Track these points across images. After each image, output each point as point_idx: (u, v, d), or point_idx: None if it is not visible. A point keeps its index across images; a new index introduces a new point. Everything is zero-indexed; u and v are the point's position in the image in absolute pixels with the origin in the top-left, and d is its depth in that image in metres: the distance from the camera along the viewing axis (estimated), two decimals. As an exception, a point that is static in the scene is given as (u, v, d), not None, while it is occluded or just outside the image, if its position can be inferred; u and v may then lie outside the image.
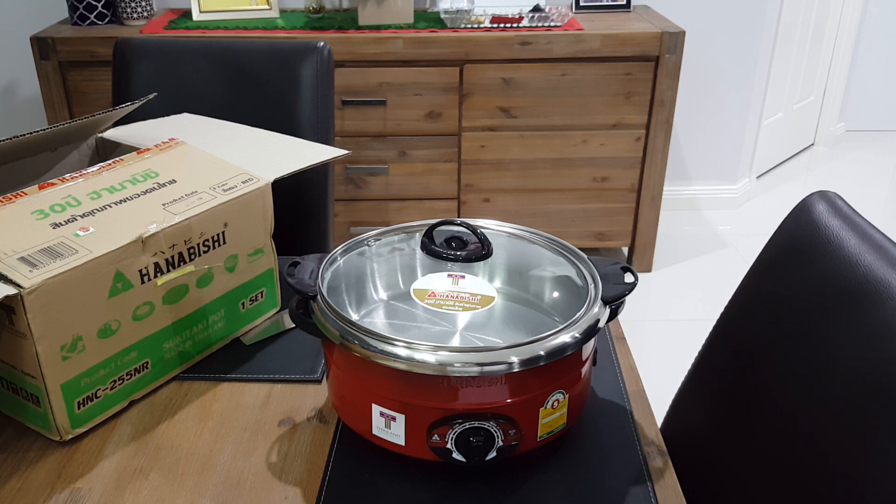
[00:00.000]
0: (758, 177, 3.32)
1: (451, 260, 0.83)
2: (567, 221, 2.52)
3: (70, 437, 0.81)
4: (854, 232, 0.78)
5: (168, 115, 1.49)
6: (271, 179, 0.95)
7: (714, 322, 1.23)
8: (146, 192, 0.88)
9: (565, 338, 0.71)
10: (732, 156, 2.96)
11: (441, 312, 0.76)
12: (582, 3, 2.55)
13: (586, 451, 0.79)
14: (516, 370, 0.69)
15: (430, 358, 0.69)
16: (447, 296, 0.78)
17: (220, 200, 0.89)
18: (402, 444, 0.74)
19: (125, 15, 2.36)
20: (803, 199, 0.86)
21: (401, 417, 0.73)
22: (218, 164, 0.96)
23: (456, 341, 0.73)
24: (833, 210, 0.83)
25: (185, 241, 0.86)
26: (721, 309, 2.40)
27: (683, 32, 2.26)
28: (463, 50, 2.24)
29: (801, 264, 0.82)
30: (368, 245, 0.87)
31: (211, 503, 0.74)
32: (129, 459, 0.79)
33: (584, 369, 0.78)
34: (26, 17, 2.65)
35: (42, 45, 2.21)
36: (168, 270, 0.85)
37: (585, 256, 0.84)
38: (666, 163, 2.43)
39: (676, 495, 0.74)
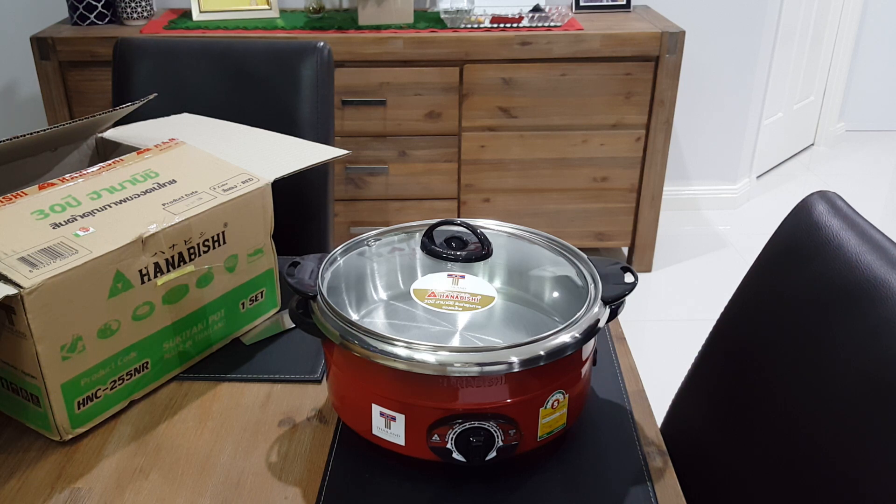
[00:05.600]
0: (758, 177, 3.32)
1: (451, 260, 0.83)
2: (567, 221, 2.52)
3: (70, 437, 0.81)
4: (854, 232, 0.78)
5: (168, 115, 1.49)
6: (271, 179, 0.95)
7: (714, 322, 1.23)
8: (146, 192, 0.88)
9: (565, 338, 0.71)
10: (732, 156, 2.96)
11: (441, 312, 0.76)
12: (582, 3, 2.55)
13: (586, 451, 0.79)
14: (516, 370, 0.69)
15: (430, 358, 0.69)
16: (447, 296, 0.78)
17: (220, 200, 0.89)
18: (402, 444, 0.74)
19: (125, 15, 2.36)
20: (803, 199, 0.86)
21: (401, 417, 0.73)
22: (218, 164, 0.96)
23: (456, 341, 0.73)
24: (833, 210, 0.83)
25: (185, 241, 0.86)
26: (721, 309, 2.40)
27: (683, 32, 2.26)
28: (463, 50, 2.24)
29: (801, 264, 0.82)
30: (368, 245, 0.87)
31: (211, 503, 0.74)
32: (129, 459, 0.79)
33: (584, 369, 0.78)
34: (26, 17, 2.65)
35: (42, 45, 2.21)
36: (168, 270, 0.85)
37: (585, 256, 0.84)
38: (666, 163, 2.43)
39: (676, 495, 0.74)
